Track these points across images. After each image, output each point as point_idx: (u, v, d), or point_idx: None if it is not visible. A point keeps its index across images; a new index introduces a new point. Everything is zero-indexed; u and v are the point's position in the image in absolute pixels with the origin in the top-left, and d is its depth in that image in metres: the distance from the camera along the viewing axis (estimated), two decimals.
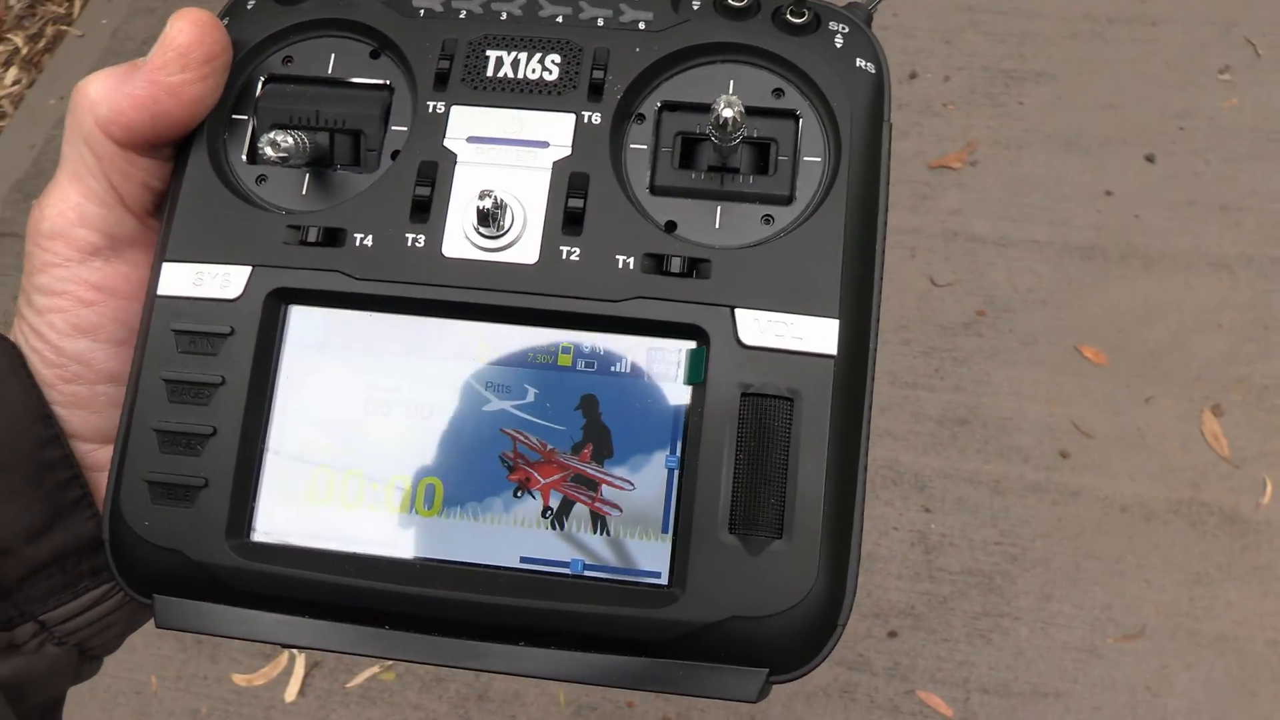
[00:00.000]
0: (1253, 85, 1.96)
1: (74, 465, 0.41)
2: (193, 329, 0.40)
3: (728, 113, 0.38)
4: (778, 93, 0.42)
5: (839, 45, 0.42)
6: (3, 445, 0.40)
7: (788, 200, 0.41)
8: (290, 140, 0.40)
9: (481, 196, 0.39)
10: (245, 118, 0.43)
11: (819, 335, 0.39)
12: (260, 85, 0.43)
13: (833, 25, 0.42)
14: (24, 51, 2.53)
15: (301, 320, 0.41)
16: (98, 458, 0.43)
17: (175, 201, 0.42)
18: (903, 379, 1.77)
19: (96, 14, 2.58)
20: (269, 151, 0.39)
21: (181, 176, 0.42)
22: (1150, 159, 1.91)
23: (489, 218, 0.39)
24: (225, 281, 0.40)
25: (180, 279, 0.41)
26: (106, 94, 0.40)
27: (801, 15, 0.42)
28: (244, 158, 0.43)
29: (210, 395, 0.40)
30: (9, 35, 2.59)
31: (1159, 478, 1.64)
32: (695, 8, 0.43)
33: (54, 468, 0.41)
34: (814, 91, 0.41)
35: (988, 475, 1.67)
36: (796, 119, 0.41)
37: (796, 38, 0.42)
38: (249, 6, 0.45)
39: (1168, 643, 1.52)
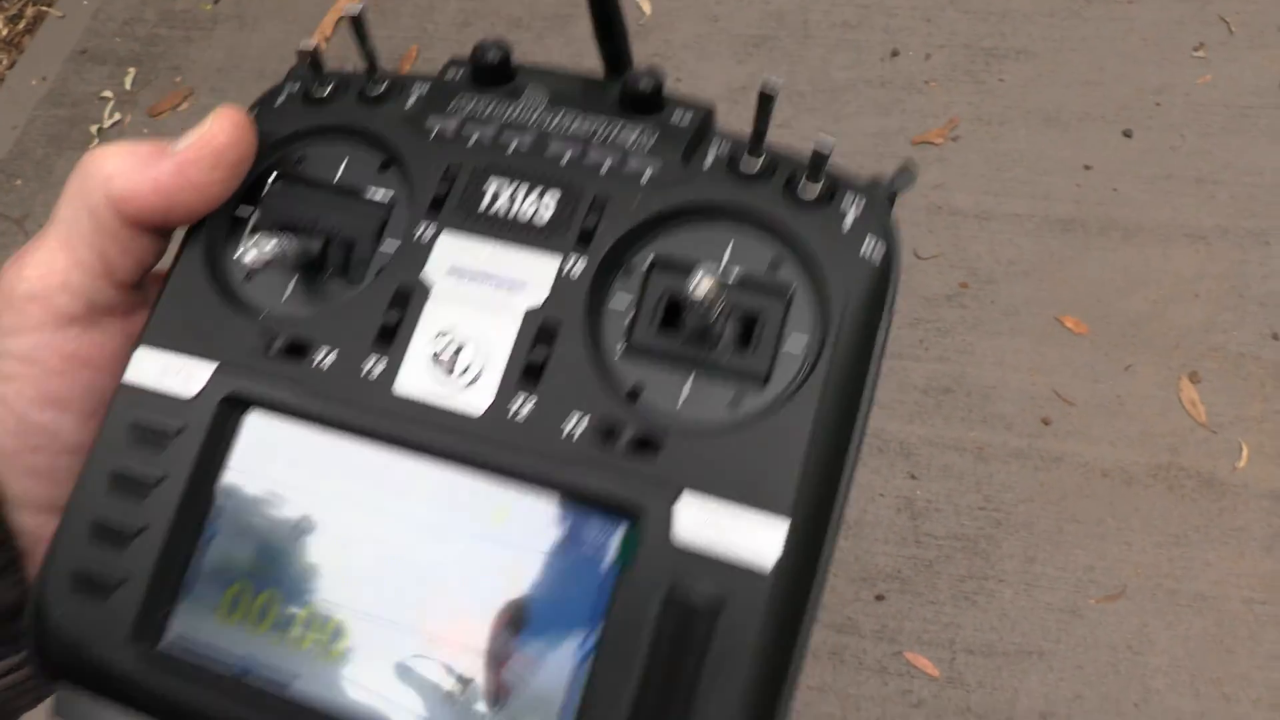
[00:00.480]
0: (1226, 62, 2.00)
1: (5, 532, 0.40)
2: (145, 421, 0.40)
3: (700, 290, 0.36)
4: (774, 265, 0.39)
5: (848, 225, 0.39)
6: None
7: (763, 383, 0.38)
8: (275, 246, 0.39)
9: (437, 338, 0.38)
10: (249, 211, 0.43)
11: (764, 538, 0.36)
12: (270, 182, 0.44)
13: (847, 200, 0.40)
14: (3, 33, 2.52)
15: (254, 428, 0.40)
16: (48, 530, 0.41)
17: (164, 286, 0.42)
18: (888, 350, 1.79)
19: None
20: (252, 254, 0.39)
21: (177, 262, 0.42)
22: (1128, 134, 1.94)
23: (441, 361, 0.38)
24: (187, 377, 0.40)
25: (148, 367, 0.40)
26: (125, 171, 0.39)
27: (815, 187, 0.39)
28: (238, 255, 0.43)
29: (147, 492, 0.39)
30: None
31: (1138, 443, 1.67)
32: (707, 164, 0.41)
33: None
34: (811, 272, 0.39)
35: (972, 442, 1.70)
36: (788, 297, 0.39)
37: (805, 210, 0.39)
38: (277, 104, 0.45)
39: (1148, 602, 1.56)
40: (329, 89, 0.44)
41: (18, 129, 2.37)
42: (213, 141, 0.40)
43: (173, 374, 0.40)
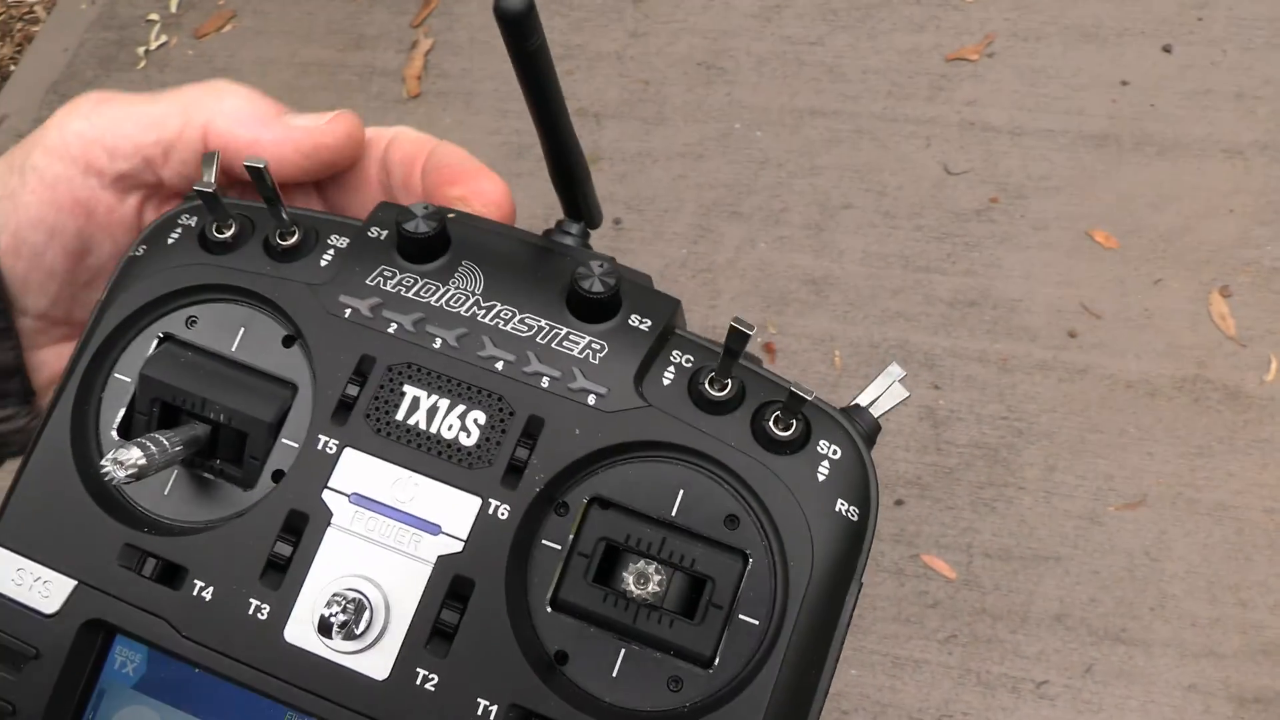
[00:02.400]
0: None
1: (4, 301, 0.42)
2: (2, 638, 0.35)
3: (640, 591, 0.32)
4: (731, 520, 0.34)
5: (822, 477, 0.34)
6: None
7: (707, 664, 0.33)
8: (139, 457, 0.33)
9: (329, 603, 0.32)
10: (128, 379, 0.37)
11: None
12: (155, 345, 0.38)
13: (823, 446, 0.34)
14: None
15: (125, 652, 0.35)
16: (36, 328, 0.43)
17: (21, 471, 0.36)
18: (915, 263, 1.80)
19: None
20: (115, 472, 0.33)
21: (39, 438, 0.36)
22: (1168, 49, 1.91)
23: (330, 627, 0.32)
24: (45, 590, 0.35)
25: (3, 568, 0.35)
26: (241, 115, 0.41)
27: (788, 429, 0.34)
28: (114, 432, 0.37)
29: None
30: None
31: (1165, 356, 1.67)
32: (664, 384, 0.35)
33: None
34: (774, 534, 0.33)
35: (996, 354, 1.71)
36: (745, 560, 0.33)
37: (774, 455, 0.34)
38: (170, 240, 0.39)
39: (1167, 511, 1.57)
40: (231, 231, 0.38)
41: (69, 51, 2.43)
42: (322, 139, 0.41)
43: (30, 581, 0.35)
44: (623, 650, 0.33)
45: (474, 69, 2.15)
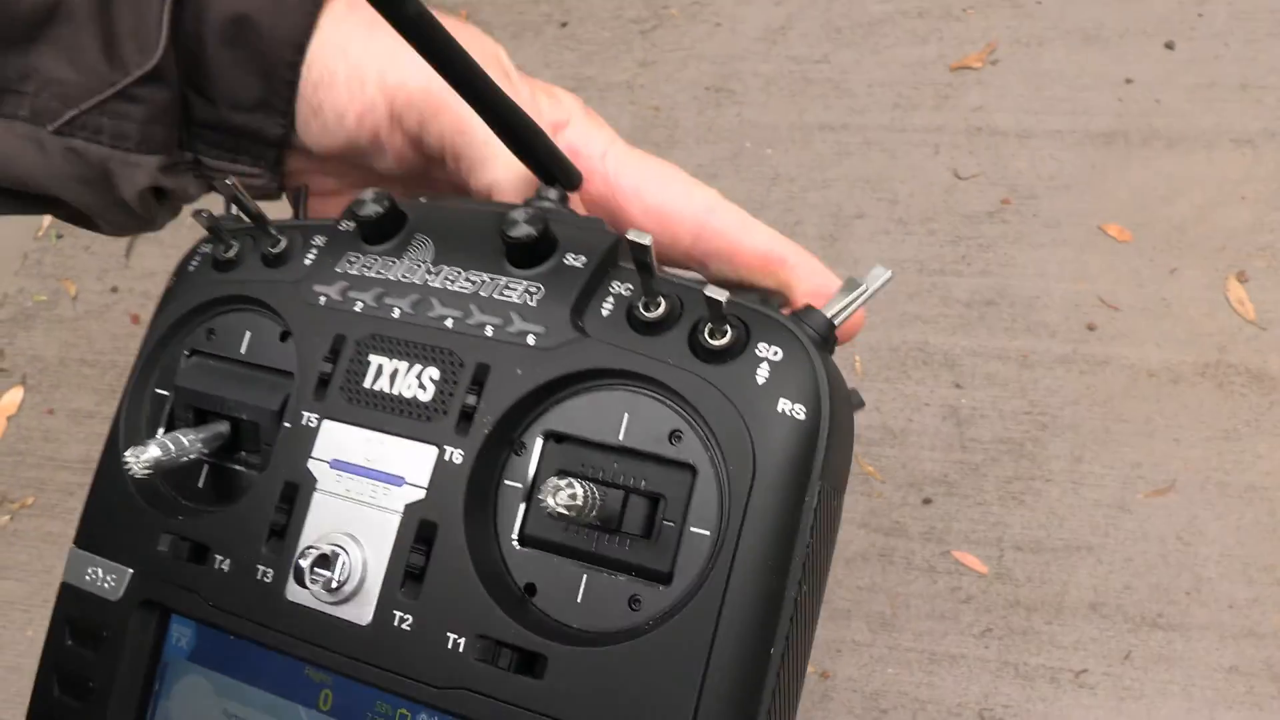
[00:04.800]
0: None
1: (295, 86, 0.44)
2: (80, 623, 0.41)
3: (556, 503, 0.32)
4: (675, 436, 0.34)
5: (761, 380, 0.33)
6: (269, 40, 0.43)
7: (665, 579, 0.33)
8: (156, 452, 0.38)
9: (303, 554, 0.36)
10: (166, 394, 0.43)
11: None
12: (184, 358, 0.43)
13: (762, 349, 0.34)
14: None
15: (179, 628, 0.40)
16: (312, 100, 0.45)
17: (94, 481, 0.42)
18: (930, 267, 1.82)
19: None
20: (134, 466, 0.37)
21: (103, 456, 0.43)
22: (1170, 46, 1.94)
23: (306, 579, 0.35)
24: (112, 580, 0.40)
25: (79, 567, 0.41)
26: None
27: (721, 336, 0.34)
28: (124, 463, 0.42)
29: (88, 696, 0.40)
30: None
31: (1186, 343, 1.67)
32: (603, 315, 0.36)
33: (285, 80, 0.44)
34: (715, 443, 0.33)
35: (1016, 351, 1.72)
36: (693, 473, 0.34)
37: (710, 365, 0.34)
38: (191, 268, 0.44)
39: (1197, 495, 1.56)
40: (234, 250, 0.43)
41: None
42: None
43: (101, 575, 0.40)
44: (585, 575, 0.35)
45: None
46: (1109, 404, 1.65)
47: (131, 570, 0.40)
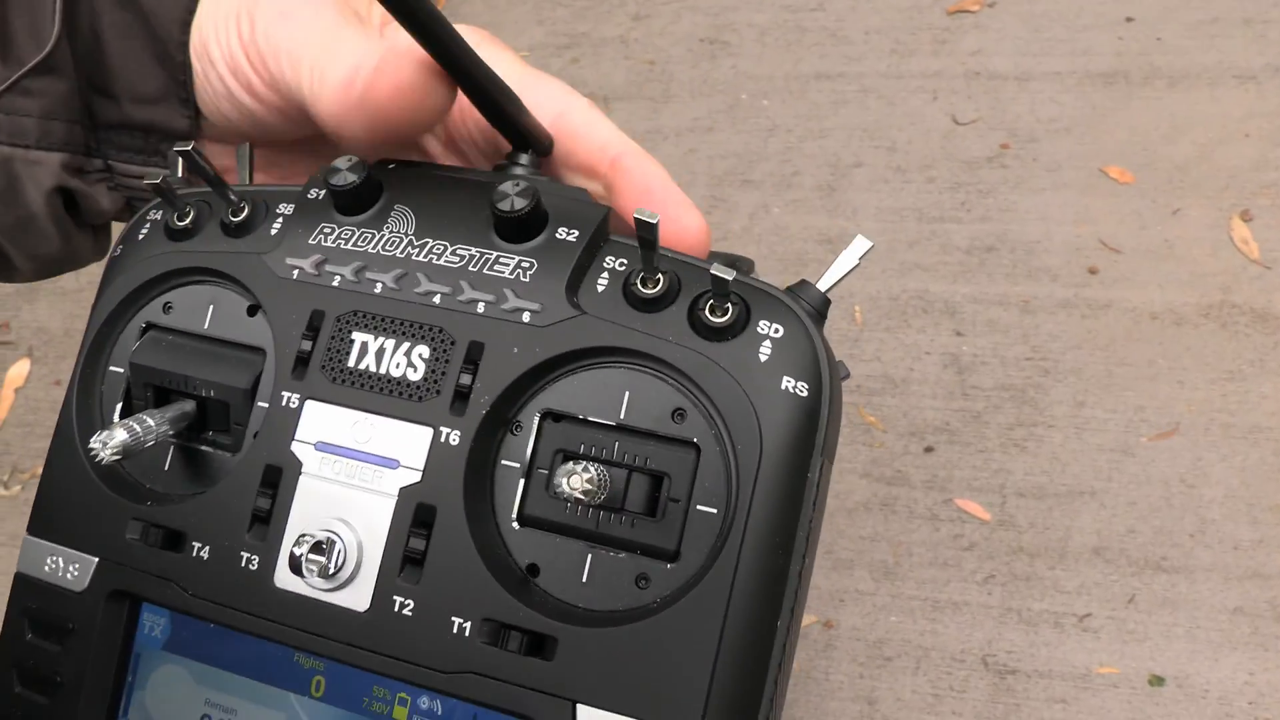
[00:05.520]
0: None
1: (189, 73, 0.44)
2: (41, 615, 0.39)
3: (571, 488, 0.32)
4: (679, 414, 0.34)
5: (764, 358, 0.33)
6: (159, 21, 0.43)
7: (673, 557, 0.33)
8: (124, 435, 0.36)
9: (298, 542, 0.35)
10: (121, 370, 0.41)
11: None
12: (139, 334, 0.41)
13: (763, 326, 0.33)
14: None
15: (151, 617, 0.39)
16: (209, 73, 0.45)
17: (46, 466, 0.40)
18: (929, 214, 1.80)
19: None
20: (102, 452, 0.36)
21: (55, 439, 0.40)
22: None
23: (301, 566, 0.34)
24: (75, 570, 0.38)
25: (36, 556, 0.39)
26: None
27: (723, 313, 0.33)
28: (116, 418, 0.40)
29: (54, 690, 0.38)
30: None
31: (1188, 285, 1.65)
32: (599, 291, 0.35)
33: (178, 62, 0.44)
34: (721, 420, 0.33)
35: (1017, 296, 1.71)
36: (697, 451, 0.34)
37: (712, 343, 0.33)
38: (140, 236, 0.42)
39: (1202, 437, 1.55)
40: (189, 218, 0.40)
41: None
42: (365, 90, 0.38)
43: (61, 564, 0.38)
44: (590, 555, 0.34)
45: None
46: (1111, 348, 1.64)
47: (97, 559, 0.38)
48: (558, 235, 0.36)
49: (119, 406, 0.41)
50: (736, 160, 1.94)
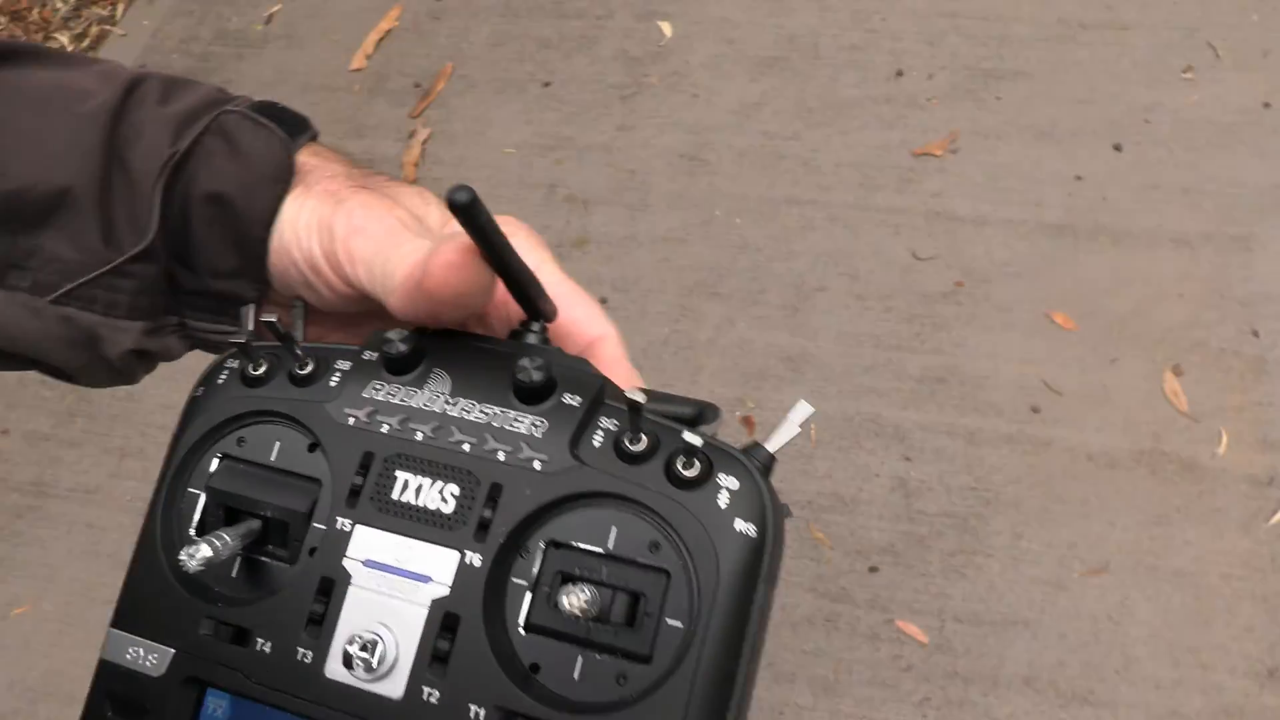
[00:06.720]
0: (1213, 83, 2.11)
1: (266, 259, 0.50)
2: (122, 696, 0.45)
3: (570, 605, 0.39)
4: (654, 546, 0.41)
5: (722, 505, 0.41)
6: (244, 222, 0.49)
7: (647, 660, 0.41)
8: (209, 551, 0.43)
9: (350, 641, 0.41)
10: (199, 492, 0.48)
11: None
12: (216, 462, 0.48)
13: (723, 478, 0.41)
14: (70, 49, 2.70)
15: (214, 700, 0.45)
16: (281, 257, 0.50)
17: (130, 571, 0.47)
18: (886, 342, 1.90)
19: (139, 16, 2.75)
20: (189, 563, 0.42)
21: (138, 546, 0.47)
22: (1118, 148, 2.05)
23: (352, 661, 0.41)
24: (154, 659, 0.45)
25: (119, 646, 0.46)
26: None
27: (692, 469, 0.41)
28: (192, 531, 0.47)
29: None
30: (56, 35, 2.77)
31: (1123, 430, 1.76)
32: (595, 446, 0.43)
33: (258, 253, 0.50)
34: (688, 553, 0.41)
35: (963, 428, 1.80)
36: (668, 576, 0.41)
37: (682, 491, 0.41)
38: (219, 381, 0.48)
39: (1129, 577, 1.63)
40: (263, 369, 0.48)
41: None
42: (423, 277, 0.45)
43: (141, 654, 0.45)
44: (580, 657, 0.41)
45: (469, 157, 2.27)
46: (1049, 484, 1.73)
47: (174, 650, 0.45)
48: (564, 400, 0.44)
49: (195, 521, 0.48)
50: (707, 273, 2.02)
